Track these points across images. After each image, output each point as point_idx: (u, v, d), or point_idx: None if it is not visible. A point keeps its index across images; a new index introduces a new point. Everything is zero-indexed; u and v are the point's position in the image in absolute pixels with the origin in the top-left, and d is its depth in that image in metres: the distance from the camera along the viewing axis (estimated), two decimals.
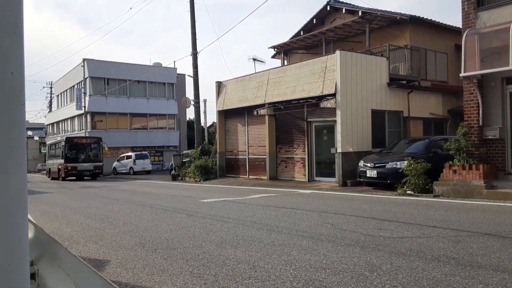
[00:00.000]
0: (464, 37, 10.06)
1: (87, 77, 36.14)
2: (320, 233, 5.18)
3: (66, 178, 24.45)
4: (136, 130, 38.24)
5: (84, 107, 35.14)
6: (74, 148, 25.52)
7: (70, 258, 2.03)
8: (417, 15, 16.47)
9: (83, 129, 36.18)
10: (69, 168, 24.30)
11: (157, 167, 37.12)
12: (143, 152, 33.75)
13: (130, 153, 33.69)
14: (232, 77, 18.69)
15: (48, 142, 29.59)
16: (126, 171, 31.93)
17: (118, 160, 34.19)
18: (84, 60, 36.05)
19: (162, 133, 38.98)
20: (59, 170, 25.23)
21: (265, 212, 7.39)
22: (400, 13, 16.28)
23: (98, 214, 8.04)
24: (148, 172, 30.86)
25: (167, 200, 10.78)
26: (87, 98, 35.68)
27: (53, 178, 26.80)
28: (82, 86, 36.53)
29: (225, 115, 18.87)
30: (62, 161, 24.87)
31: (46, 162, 29.89)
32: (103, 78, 36.97)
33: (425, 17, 16.64)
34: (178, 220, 6.77)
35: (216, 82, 19.15)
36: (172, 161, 26.67)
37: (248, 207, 8.33)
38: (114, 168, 34.12)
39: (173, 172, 23.54)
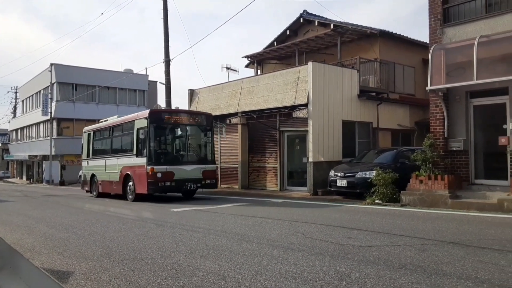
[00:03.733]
0: (431, 52, 10.43)
1: (54, 82, 35.12)
2: (291, 242, 5.18)
3: (152, 194, 12.03)
4: None
5: (51, 113, 34.07)
6: (166, 134, 12.87)
7: (31, 269, 1.93)
8: (387, 29, 16.98)
9: (48, 136, 35.02)
10: (160, 175, 11.63)
11: None
12: None
13: None
14: (205, 85, 18.62)
15: (88, 128, 16.93)
16: None
17: None
18: (51, 64, 35.05)
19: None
20: (125, 179, 12.86)
21: (236, 222, 7.33)
22: (371, 27, 16.74)
23: (62, 224, 7.74)
24: None
25: (135, 209, 10.53)
26: (53, 103, 34.62)
27: (100, 195, 14.93)
28: (49, 91, 35.45)
29: None
30: (138, 160, 12.21)
31: (83, 163, 16.86)
32: (71, 83, 36.03)
33: (394, 32, 17.19)
34: (146, 230, 6.61)
35: (188, 90, 19.02)
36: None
37: (219, 216, 8.25)
38: (80, 176, 33.11)
39: None
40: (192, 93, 18.76)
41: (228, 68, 21.07)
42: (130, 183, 12.68)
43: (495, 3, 10.19)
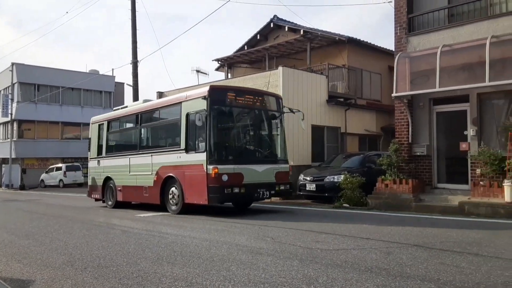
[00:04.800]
0: (396, 60, 10.76)
1: (15, 83, 33.76)
2: (260, 247, 5.17)
3: (211, 204, 8.73)
4: (68, 140, 36.18)
5: (11, 114, 32.68)
6: (231, 120, 9.44)
7: None
8: (355, 36, 17.42)
9: (8, 138, 33.58)
10: (226, 178, 8.37)
11: None
12: (75, 164, 31.92)
13: (60, 165, 31.73)
14: (175, 88, 18.41)
15: (98, 118, 12.95)
16: (55, 184, 30.02)
17: (46, 172, 32.06)
18: (12, 64, 33.68)
19: None
20: (165, 183, 9.55)
21: (205, 226, 7.25)
22: (339, 34, 17.11)
23: (22, 230, 7.41)
24: (80, 185, 29.26)
25: (100, 214, 10.23)
26: (14, 104, 33.24)
27: (119, 205, 11.43)
28: (10, 91, 34.02)
29: None
30: (190, 157, 8.87)
31: (91, 164, 12.91)
32: (33, 84, 34.74)
33: (361, 39, 17.63)
34: (112, 236, 6.42)
35: (157, 92, 18.76)
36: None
37: (187, 221, 8.13)
38: (42, 180, 31.94)
39: None
40: (160, 95, 18.51)
41: (198, 71, 20.97)
42: (174, 189, 9.34)
43: (457, 13, 10.63)
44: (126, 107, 12.16)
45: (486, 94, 9.83)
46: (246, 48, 20.57)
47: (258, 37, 20.58)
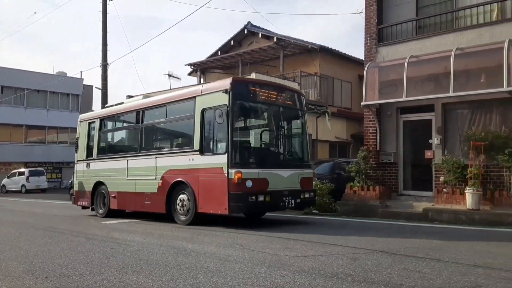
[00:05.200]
0: (366, 69, 11.02)
1: None
2: (229, 254, 5.13)
3: (232, 214, 7.61)
4: (32, 143, 34.94)
5: None
6: (253, 117, 8.90)
7: None
8: (327, 45, 17.78)
9: None
10: (250, 184, 7.29)
11: (55, 185, 34.24)
12: (39, 169, 30.81)
13: (23, 169, 30.55)
14: (145, 92, 18.15)
15: (88, 116, 11.70)
16: (17, 189, 28.90)
17: (8, 177, 30.83)
18: None
19: (62, 147, 36.04)
20: (172, 189, 8.41)
21: (173, 234, 7.14)
22: (312, 42, 17.42)
23: None
24: (43, 191, 28.27)
25: (63, 222, 9.91)
26: None
27: (113, 213, 10.16)
28: None
29: None
30: (206, 160, 7.79)
31: (78, 167, 11.50)
32: None
33: (333, 48, 17.98)
34: (75, 244, 6.22)
35: (127, 96, 18.42)
36: (73, 179, 24.65)
37: (155, 228, 7.99)
38: (3, 185, 30.67)
39: (72, 190, 21.84)
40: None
41: (170, 75, 20.77)
42: (184, 197, 8.18)
43: (425, 26, 11.02)
44: (122, 103, 10.85)
45: (451, 104, 10.21)
46: (219, 53, 20.59)
47: (232, 43, 20.65)
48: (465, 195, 8.86)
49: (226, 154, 7.39)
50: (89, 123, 11.34)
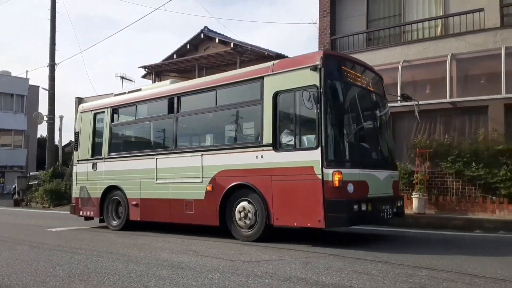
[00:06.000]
0: None
1: None
2: (182, 261, 5.05)
3: (330, 227, 6.15)
4: None
5: None
6: (347, 103, 6.37)
7: None
8: (283, 53, 18.07)
9: None
10: (351, 188, 5.79)
11: None
12: None
13: None
14: (96, 94, 17.54)
15: (94, 105, 9.68)
16: None
17: None
18: None
19: (5, 151, 33.95)
20: (228, 195, 6.77)
21: (124, 241, 6.92)
22: (268, 49, 17.66)
23: None
24: None
25: (6, 229, 9.31)
26: None
27: (133, 225, 8.44)
28: None
29: None
30: (286, 157, 6.18)
31: (79, 168, 9.51)
32: None
33: (289, 56, 18.31)
34: (19, 253, 5.86)
35: (76, 98, 17.75)
36: (16, 184, 23.19)
37: (104, 235, 7.71)
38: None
39: (16, 196, 20.63)
40: (80, 101, 17.53)
41: (122, 77, 20.21)
42: (246, 205, 6.57)
43: (374, 38, 11.53)
44: (140, 90, 8.98)
45: (399, 113, 10.70)
46: (175, 57, 20.32)
47: (188, 47, 20.46)
48: (412, 199, 9.31)
49: (319, 149, 5.79)
50: (95, 114, 9.34)
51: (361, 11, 12.19)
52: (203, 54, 18.62)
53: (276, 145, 6.32)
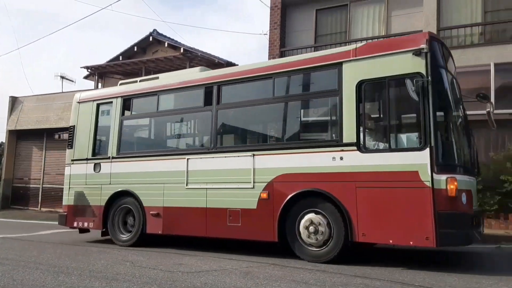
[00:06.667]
0: None
1: None
2: (117, 273, 4.83)
3: (442, 246, 4.99)
4: None
5: None
6: (449, 97, 5.29)
7: None
8: (234, 61, 18.16)
9: None
10: (465, 198, 4.88)
11: None
12: None
13: None
14: (33, 94, 16.54)
15: (98, 94, 8.20)
16: None
17: None
18: None
19: None
20: (289, 205, 5.64)
21: (55, 251, 6.50)
22: (219, 57, 17.66)
23: None
24: None
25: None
26: None
27: (149, 238, 7.02)
28: None
29: (18, 136, 16.44)
30: (366, 158, 5.20)
31: (75, 170, 7.85)
32: None
33: (239, 64, 18.43)
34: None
35: (10, 96, 16.59)
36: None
37: (34, 245, 7.20)
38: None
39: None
40: (14, 100, 16.45)
41: (62, 77, 19.21)
42: (315, 217, 5.49)
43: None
44: (158, 78, 7.63)
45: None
46: (121, 58, 19.70)
47: (136, 49, 19.92)
48: None
49: (427, 150, 4.77)
50: (98, 105, 7.80)
51: (310, 25, 12.58)
52: (151, 57, 18.22)
53: (362, 145, 5.26)
